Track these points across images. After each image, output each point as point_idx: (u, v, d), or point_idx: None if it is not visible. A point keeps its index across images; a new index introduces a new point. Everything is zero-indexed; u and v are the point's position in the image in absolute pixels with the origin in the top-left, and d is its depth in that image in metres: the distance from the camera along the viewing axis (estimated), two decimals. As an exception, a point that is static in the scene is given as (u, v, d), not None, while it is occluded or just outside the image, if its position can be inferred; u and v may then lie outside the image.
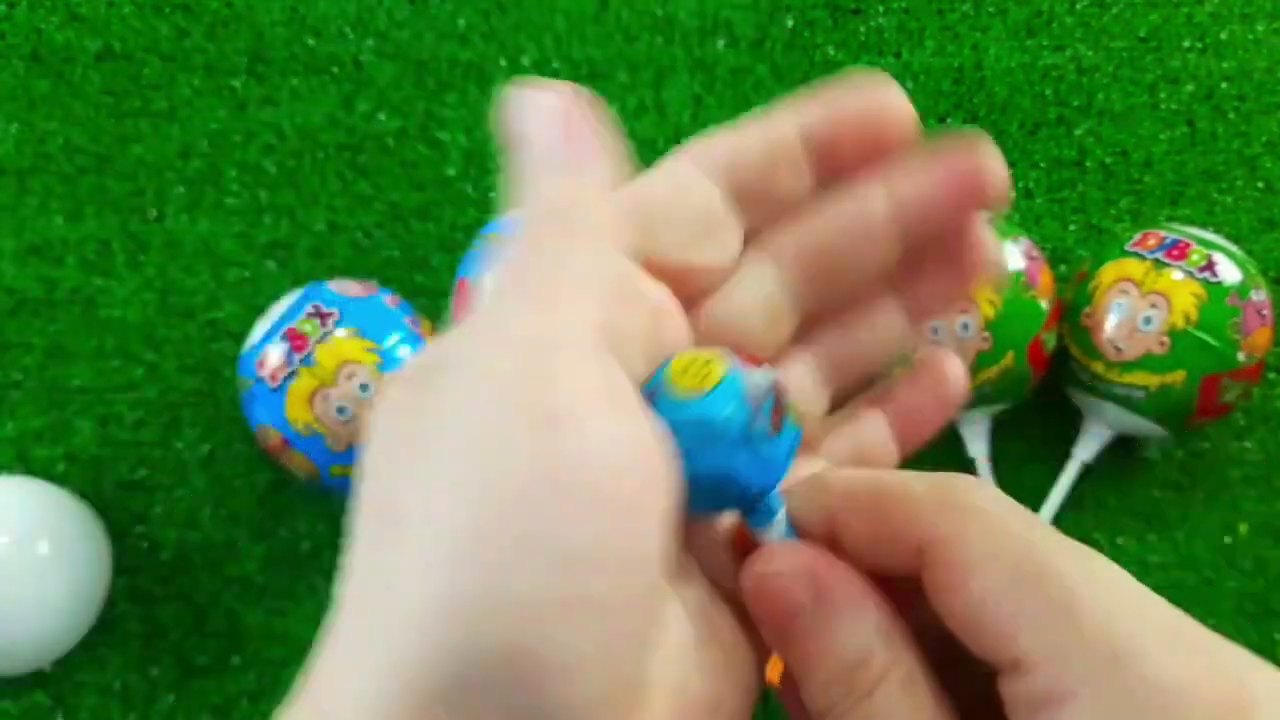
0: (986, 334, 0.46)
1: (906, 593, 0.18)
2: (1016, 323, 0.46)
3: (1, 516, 0.45)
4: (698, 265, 0.20)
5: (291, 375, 0.44)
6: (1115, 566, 0.16)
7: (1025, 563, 0.16)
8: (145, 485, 0.51)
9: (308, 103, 0.57)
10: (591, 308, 0.17)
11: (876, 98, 0.20)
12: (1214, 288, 0.46)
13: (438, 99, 0.57)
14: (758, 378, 0.18)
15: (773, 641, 0.19)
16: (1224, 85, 0.58)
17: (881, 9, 0.59)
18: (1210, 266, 0.46)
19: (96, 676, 0.49)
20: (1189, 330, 0.45)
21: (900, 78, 0.58)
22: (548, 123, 0.18)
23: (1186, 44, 0.59)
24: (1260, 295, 0.47)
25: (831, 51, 0.58)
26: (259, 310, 0.53)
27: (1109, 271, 0.48)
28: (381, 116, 0.57)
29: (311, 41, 0.58)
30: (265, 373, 0.45)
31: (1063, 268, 0.55)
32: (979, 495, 0.17)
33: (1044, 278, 0.48)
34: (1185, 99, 0.58)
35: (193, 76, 0.57)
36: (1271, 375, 0.54)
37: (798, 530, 0.19)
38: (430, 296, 0.54)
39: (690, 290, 0.20)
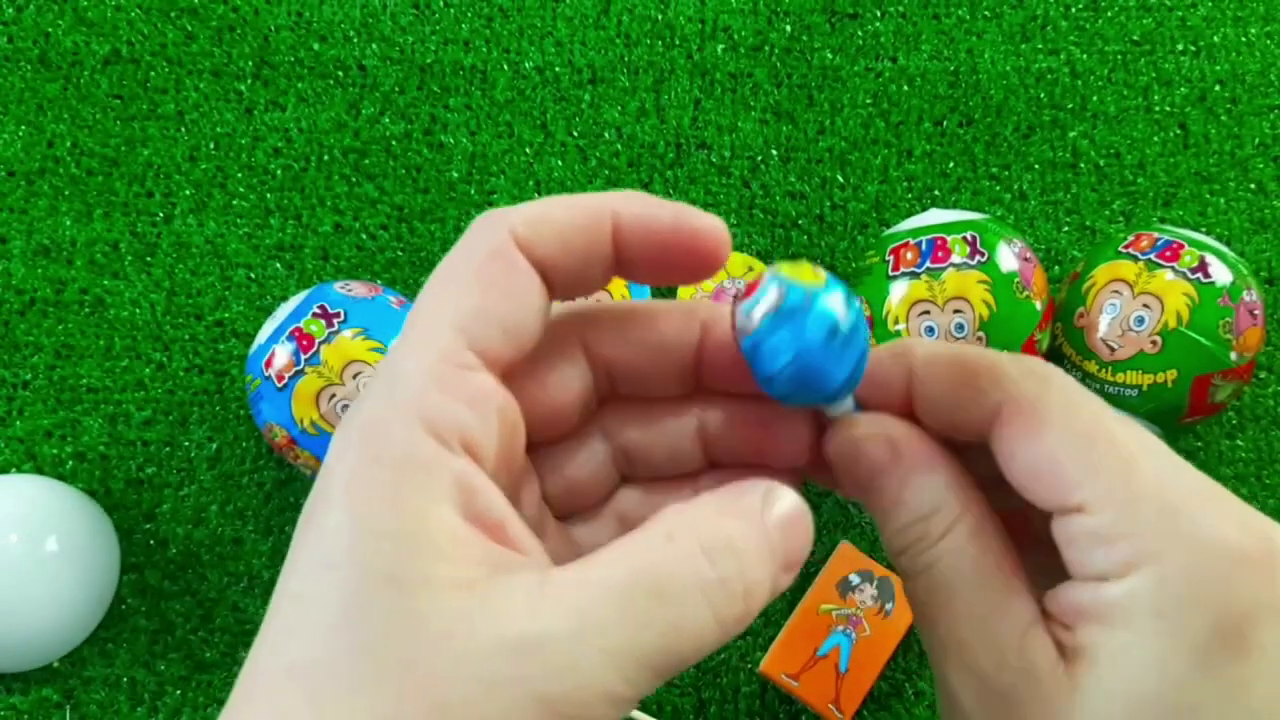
0: (981, 334, 0.46)
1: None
2: (1010, 323, 0.47)
3: (11, 514, 0.46)
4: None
5: (298, 375, 0.45)
6: (1164, 444, 0.19)
7: (1095, 426, 0.19)
8: (153, 483, 0.52)
9: (314, 107, 0.57)
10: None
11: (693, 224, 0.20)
12: (1206, 288, 0.46)
13: (442, 103, 0.58)
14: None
15: (854, 494, 0.21)
16: (1216, 88, 0.59)
17: (878, 14, 0.60)
18: (1202, 267, 0.47)
19: (105, 672, 0.49)
20: (1181, 330, 0.46)
21: (896, 81, 0.59)
22: None
23: (1179, 47, 0.59)
24: (1251, 296, 0.47)
25: (829, 56, 0.59)
26: (266, 311, 0.54)
27: (1102, 272, 0.49)
28: (386, 120, 0.57)
29: (317, 46, 0.58)
30: (272, 372, 0.45)
31: (1056, 269, 0.56)
32: (1057, 371, 0.20)
33: (1038, 279, 0.48)
34: (1178, 102, 0.58)
35: (200, 80, 0.58)
36: (1263, 375, 0.55)
37: (863, 408, 0.21)
38: (434, 297, 0.54)
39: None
